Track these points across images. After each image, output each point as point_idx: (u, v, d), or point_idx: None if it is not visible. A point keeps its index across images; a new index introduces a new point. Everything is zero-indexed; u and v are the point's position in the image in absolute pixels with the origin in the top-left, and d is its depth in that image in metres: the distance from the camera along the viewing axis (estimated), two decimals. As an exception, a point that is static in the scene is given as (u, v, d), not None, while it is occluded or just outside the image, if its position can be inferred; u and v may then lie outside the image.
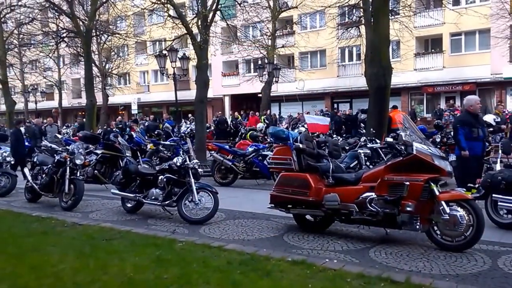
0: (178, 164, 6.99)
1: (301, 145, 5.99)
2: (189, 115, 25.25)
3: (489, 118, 11.09)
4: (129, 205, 7.72)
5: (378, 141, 9.92)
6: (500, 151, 7.57)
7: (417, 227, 5.22)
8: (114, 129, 15.51)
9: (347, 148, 10.78)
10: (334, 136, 14.48)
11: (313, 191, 5.78)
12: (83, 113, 26.86)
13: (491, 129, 10.60)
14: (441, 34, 25.91)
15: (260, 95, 25.36)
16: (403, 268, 4.63)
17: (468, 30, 24.45)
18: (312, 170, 5.97)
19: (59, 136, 15.15)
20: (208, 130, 20.33)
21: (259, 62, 27.56)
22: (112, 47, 28.13)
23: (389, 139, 6.73)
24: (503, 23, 19.90)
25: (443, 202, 5.10)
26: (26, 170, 9.52)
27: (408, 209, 5.15)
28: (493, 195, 6.11)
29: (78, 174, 8.47)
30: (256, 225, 6.59)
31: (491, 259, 4.83)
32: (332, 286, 4.10)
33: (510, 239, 5.57)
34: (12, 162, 10.78)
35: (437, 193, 5.16)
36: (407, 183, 5.14)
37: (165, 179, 7.04)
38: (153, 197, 7.17)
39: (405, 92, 27.37)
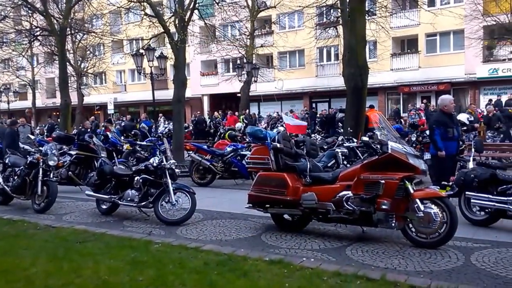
0: (155, 164, 6.91)
1: (278, 145, 5.99)
2: (160, 115, 24.99)
3: (462, 117, 11.35)
4: (104, 206, 7.59)
5: (355, 140, 10.01)
6: (473, 150, 7.73)
7: (393, 224, 5.29)
8: (89, 130, 15.23)
9: (325, 147, 10.85)
10: (313, 135, 14.57)
11: (290, 190, 5.79)
12: (58, 113, 26.32)
13: (465, 127, 10.86)
14: (416, 34, 26.35)
15: (239, 94, 25.33)
16: (378, 266, 4.68)
17: (443, 31, 24.90)
18: (289, 169, 5.98)
19: (32, 137, 14.79)
20: (186, 130, 20.18)
21: (238, 61, 27.50)
22: (87, 46, 27.61)
23: (365, 138, 6.83)
24: (476, 24, 20.35)
25: (417, 200, 5.17)
26: (-3, 172, 9.25)
27: (384, 207, 5.20)
28: (466, 192, 6.23)
29: (51, 176, 8.27)
30: (234, 225, 6.56)
31: (464, 256, 4.92)
32: (309, 284, 4.11)
33: (482, 235, 5.68)
34: None
35: (411, 191, 5.23)
36: (383, 181, 5.20)
37: (141, 180, 6.94)
38: (128, 198, 7.06)
39: (381, 92, 27.74)
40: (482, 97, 24.84)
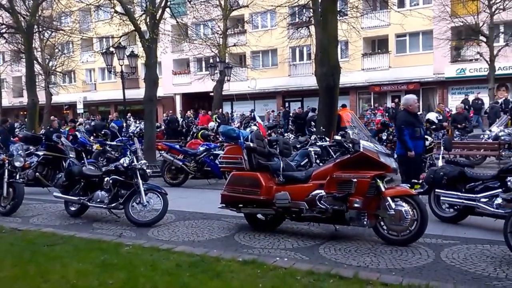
0: (125, 165, 6.78)
1: (251, 144, 5.96)
2: (129, 114, 24.59)
3: (431, 116, 11.58)
4: (73, 208, 7.39)
5: (327, 139, 10.09)
6: (442, 148, 7.88)
7: (365, 223, 5.34)
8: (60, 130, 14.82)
9: (298, 146, 10.90)
10: (286, 134, 14.64)
11: (264, 190, 5.77)
12: (25, 112, 25.54)
13: (434, 126, 11.10)
14: (387, 35, 26.85)
15: (211, 94, 25.18)
16: (351, 264, 4.71)
17: (412, 32, 25.48)
18: (263, 169, 5.96)
19: (-4, 137, 14.28)
20: (158, 130, 19.91)
21: (211, 60, 27.33)
22: (56, 43, 26.91)
23: (338, 137, 6.88)
24: (444, 25, 20.89)
25: (388, 198, 5.23)
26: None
27: (356, 205, 5.24)
28: (436, 190, 6.34)
29: (17, 177, 8.00)
30: (207, 225, 6.50)
31: (434, 252, 5.00)
32: (282, 284, 4.10)
33: (452, 232, 5.80)
34: None
35: (383, 189, 5.28)
36: (355, 180, 5.24)
37: (111, 181, 6.79)
38: (98, 200, 6.90)
39: (353, 91, 28.14)
40: (450, 96, 25.51)
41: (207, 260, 4.80)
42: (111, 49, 15.74)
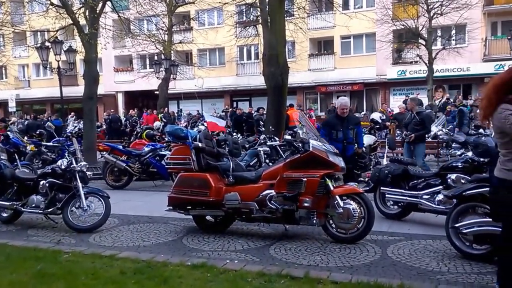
0: (63, 167, 6.37)
1: (200, 144, 5.82)
2: (72, 113, 23.48)
3: (375, 116, 11.96)
4: (4, 214, 6.88)
5: (276, 138, 10.09)
6: (386, 147, 8.09)
7: (314, 221, 5.36)
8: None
9: (247, 146, 10.83)
10: (234, 134, 14.52)
11: (213, 191, 5.65)
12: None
13: (377, 126, 11.44)
14: (332, 36, 27.44)
15: (157, 92, 24.55)
16: (302, 263, 4.69)
17: (356, 34, 26.20)
18: (212, 169, 5.84)
19: None
20: (99, 129, 19.10)
21: (155, 58, 26.62)
22: (-16, 36, 25.07)
23: (287, 137, 6.84)
24: (386, 28, 21.65)
25: (337, 197, 5.27)
26: None
27: (306, 204, 5.24)
28: (381, 188, 6.50)
29: None
30: (153, 229, 6.25)
31: (381, 249, 5.10)
32: (233, 287, 4.01)
33: (397, 228, 5.95)
34: None
35: (331, 188, 5.31)
36: (305, 179, 5.24)
37: (47, 184, 6.36)
38: (33, 205, 6.43)
39: (300, 91, 28.54)
40: (392, 97, 26.52)
41: (154, 265, 4.62)
42: (47, 43, 14.88)
